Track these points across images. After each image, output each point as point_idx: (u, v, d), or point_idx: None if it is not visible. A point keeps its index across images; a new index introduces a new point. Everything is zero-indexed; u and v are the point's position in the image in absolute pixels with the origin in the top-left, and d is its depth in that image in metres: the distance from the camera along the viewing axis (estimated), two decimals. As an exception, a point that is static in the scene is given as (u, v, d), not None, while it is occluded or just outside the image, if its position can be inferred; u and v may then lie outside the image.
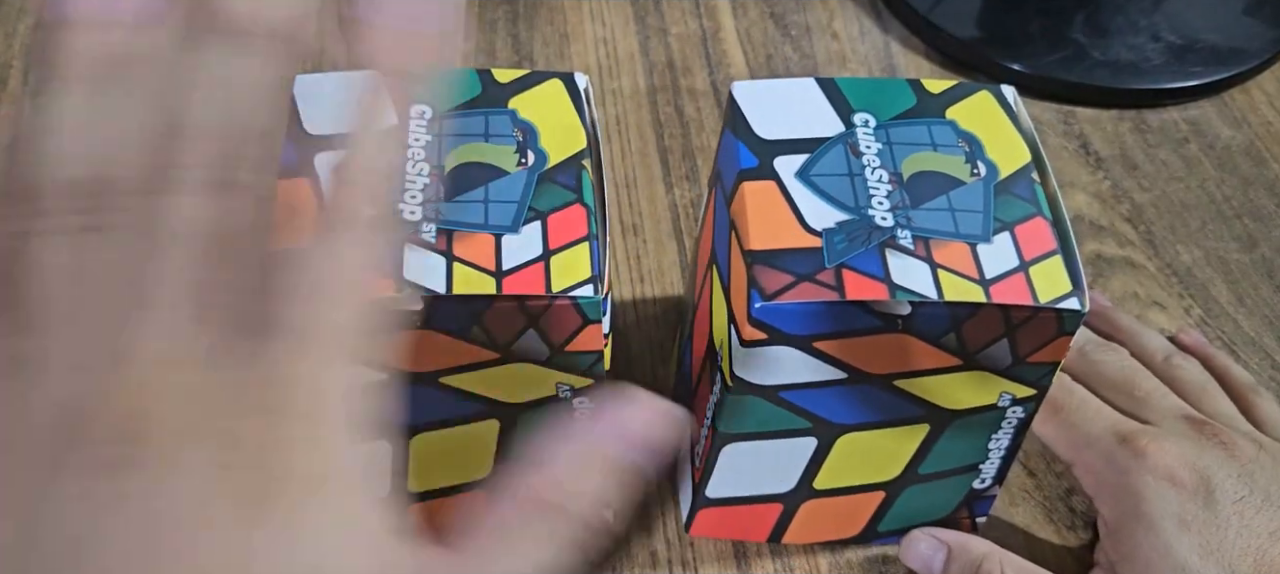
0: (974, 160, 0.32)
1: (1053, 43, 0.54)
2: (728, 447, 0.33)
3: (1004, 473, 0.34)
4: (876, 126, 0.32)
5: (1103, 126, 0.52)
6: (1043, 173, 0.31)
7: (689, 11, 0.56)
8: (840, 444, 0.33)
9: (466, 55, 0.53)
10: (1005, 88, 0.34)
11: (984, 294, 0.29)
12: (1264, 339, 0.43)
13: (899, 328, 0.29)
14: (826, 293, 0.28)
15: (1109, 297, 0.44)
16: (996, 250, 0.30)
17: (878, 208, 0.30)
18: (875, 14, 0.57)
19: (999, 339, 0.29)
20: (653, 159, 0.49)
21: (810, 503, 0.35)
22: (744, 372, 0.30)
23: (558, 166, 0.31)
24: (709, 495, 0.35)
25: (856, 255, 0.29)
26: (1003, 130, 0.32)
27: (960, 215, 0.30)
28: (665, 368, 0.41)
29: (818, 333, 0.29)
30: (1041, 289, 0.29)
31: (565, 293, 0.28)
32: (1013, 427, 0.33)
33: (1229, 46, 0.54)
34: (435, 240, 0.29)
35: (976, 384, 0.31)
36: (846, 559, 0.36)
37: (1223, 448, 0.33)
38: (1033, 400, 0.32)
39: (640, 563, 0.36)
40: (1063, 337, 0.29)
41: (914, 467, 0.34)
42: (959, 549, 0.34)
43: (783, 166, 0.31)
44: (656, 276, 0.44)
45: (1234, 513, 0.32)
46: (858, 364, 0.30)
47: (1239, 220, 0.48)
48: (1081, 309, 0.29)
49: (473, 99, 0.33)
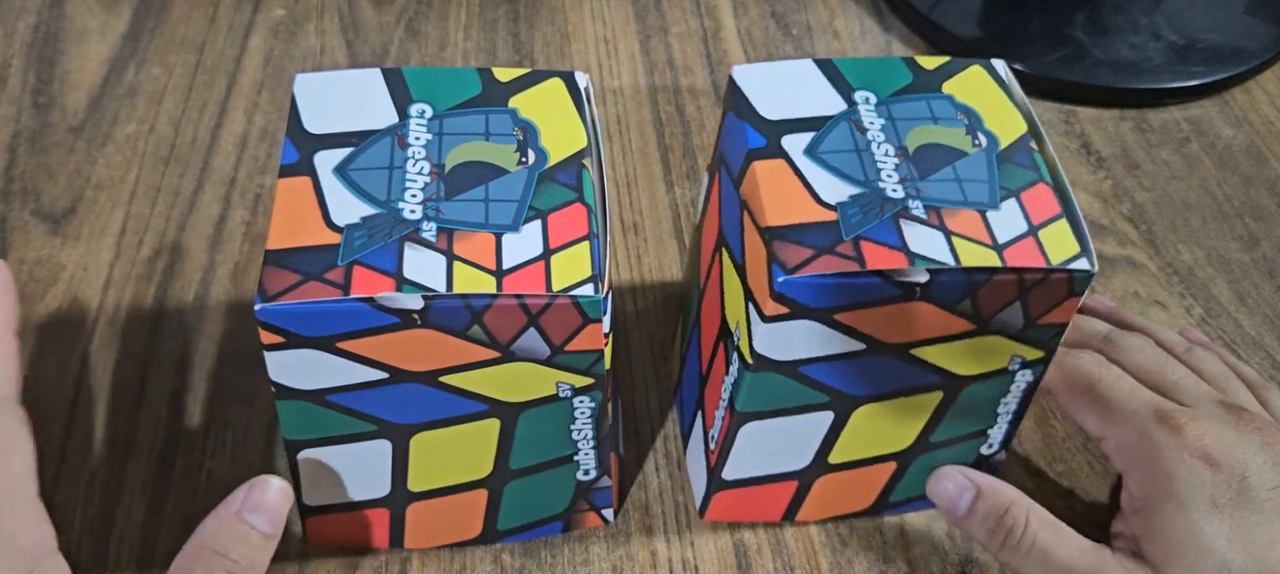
0: (974, 132, 0.32)
1: (1054, 42, 0.54)
2: (746, 426, 0.33)
3: (1010, 437, 0.35)
4: (877, 103, 0.33)
5: (1104, 126, 0.52)
6: (1040, 141, 0.32)
7: (689, 11, 0.56)
8: (856, 417, 0.33)
9: (467, 54, 0.53)
10: (996, 61, 0.35)
11: (998, 259, 0.29)
12: (1265, 338, 0.43)
13: (917, 296, 0.29)
14: (847, 264, 0.29)
15: (1110, 296, 0.44)
16: (1005, 217, 0.30)
17: (887, 180, 0.31)
18: (876, 13, 0.57)
19: (1012, 302, 0.30)
20: (653, 158, 0.49)
21: (825, 478, 0.35)
22: (765, 348, 0.30)
23: (558, 165, 0.31)
24: (726, 478, 0.35)
25: (872, 227, 0.30)
26: (998, 102, 0.33)
27: (967, 185, 0.31)
28: (666, 366, 0.41)
29: (838, 305, 0.29)
30: (1052, 252, 0.30)
31: (565, 292, 0.28)
32: (1021, 390, 0.34)
33: (1230, 46, 0.54)
34: (435, 239, 0.29)
35: (989, 349, 0.32)
36: (847, 559, 0.36)
37: (1260, 435, 0.33)
38: (1041, 363, 0.32)
39: (641, 563, 0.36)
40: (1072, 297, 0.30)
41: (926, 436, 0.34)
42: (989, 492, 0.35)
43: (790, 145, 0.32)
44: (657, 275, 0.44)
45: (1267, 500, 0.32)
46: (876, 334, 0.30)
47: (1240, 220, 0.48)
48: (1091, 269, 0.30)
49: (473, 98, 0.33)
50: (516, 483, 0.34)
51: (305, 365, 0.29)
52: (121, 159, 0.48)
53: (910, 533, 0.37)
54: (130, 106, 0.50)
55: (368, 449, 0.32)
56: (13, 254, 0.44)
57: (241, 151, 0.48)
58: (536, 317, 0.28)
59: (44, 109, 0.49)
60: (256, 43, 0.53)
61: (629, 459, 0.39)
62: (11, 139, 0.48)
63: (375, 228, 0.29)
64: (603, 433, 0.33)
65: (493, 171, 0.31)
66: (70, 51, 0.52)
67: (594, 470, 0.34)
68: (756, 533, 0.37)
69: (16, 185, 0.46)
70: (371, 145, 0.31)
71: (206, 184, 0.47)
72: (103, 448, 0.38)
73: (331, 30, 0.54)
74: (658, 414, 0.40)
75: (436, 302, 0.28)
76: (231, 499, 0.30)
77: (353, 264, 0.28)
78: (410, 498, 0.34)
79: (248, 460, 0.38)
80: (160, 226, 0.45)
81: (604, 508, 0.36)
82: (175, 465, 0.38)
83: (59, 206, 0.45)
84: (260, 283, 0.28)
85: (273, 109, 0.50)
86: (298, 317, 0.28)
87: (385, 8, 0.56)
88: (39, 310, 0.42)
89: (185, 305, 0.42)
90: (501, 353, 0.29)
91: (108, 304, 0.42)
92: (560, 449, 0.33)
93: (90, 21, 0.54)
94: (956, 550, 0.37)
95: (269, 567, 0.31)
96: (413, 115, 0.32)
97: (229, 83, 0.51)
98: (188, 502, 0.37)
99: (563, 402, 0.31)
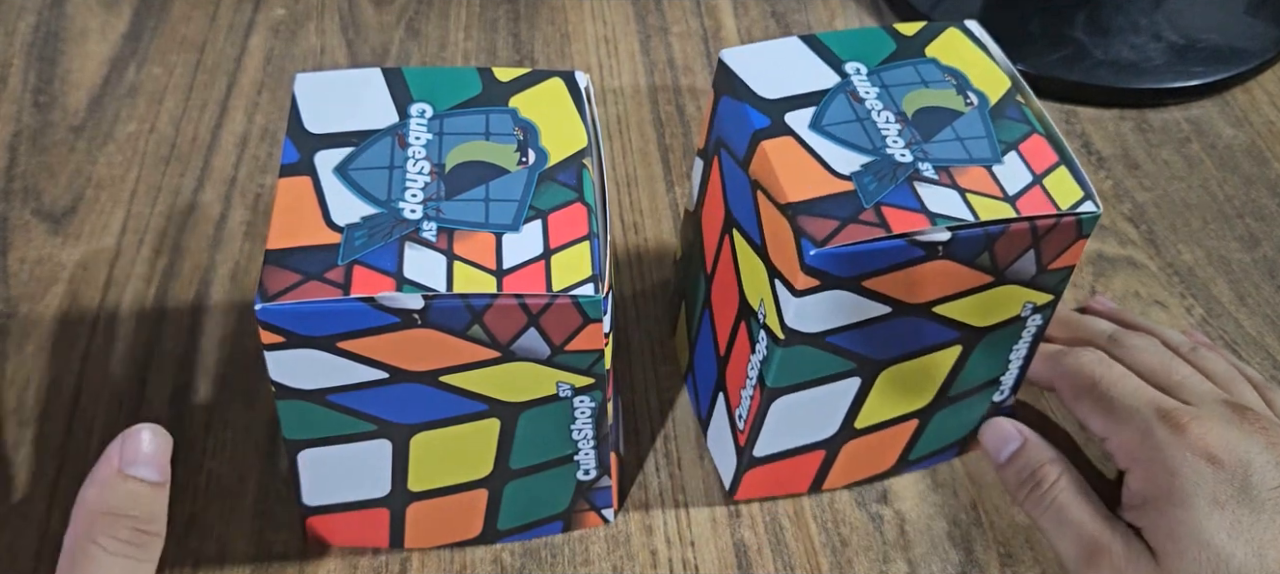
0: (964, 91, 0.33)
1: (1054, 42, 0.54)
2: (778, 401, 0.33)
3: (1020, 383, 0.37)
4: (868, 73, 0.34)
5: (1104, 126, 0.52)
6: (1025, 94, 0.34)
7: (689, 11, 0.56)
8: (881, 379, 0.34)
9: (467, 54, 0.53)
10: (969, 22, 0.36)
11: (1012, 210, 0.30)
12: (1265, 338, 0.43)
13: (940, 255, 0.30)
14: (873, 231, 0.29)
15: (1111, 295, 0.44)
16: (1010, 169, 0.31)
17: (894, 146, 0.32)
18: (877, 12, 0.57)
19: (1026, 251, 0.31)
20: (653, 158, 0.49)
21: (851, 444, 0.36)
22: (797, 322, 0.31)
23: (558, 165, 0.31)
24: (757, 455, 0.35)
25: (889, 192, 0.30)
26: (980, 62, 0.35)
27: (969, 142, 0.32)
28: (666, 365, 0.41)
29: (867, 271, 0.30)
30: (1060, 198, 0.31)
31: (566, 292, 0.28)
32: (1031, 335, 0.35)
33: (1230, 46, 0.54)
34: (436, 239, 0.29)
35: (1004, 298, 0.33)
36: (847, 559, 0.36)
37: (1264, 435, 0.33)
38: (1049, 306, 0.34)
39: (641, 563, 0.36)
40: (1080, 240, 0.31)
41: (945, 390, 0.35)
42: (1032, 446, 0.36)
43: (795, 121, 0.32)
44: (657, 276, 0.44)
45: (1270, 499, 0.32)
46: (901, 297, 0.31)
47: (1240, 220, 0.48)
48: (1097, 210, 0.31)
49: (473, 97, 0.33)
50: (516, 483, 0.34)
51: (305, 365, 0.29)
52: (122, 158, 0.48)
53: (910, 533, 0.37)
54: (131, 106, 0.50)
55: (368, 449, 0.32)
56: (13, 254, 0.44)
57: (242, 151, 0.48)
58: (537, 316, 0.28)
59: (45, 108, 0.50)
60: (257, 42, 0.53)
61: (629, 459, 0.39)
62: (12, 138, 0.48)
63: (375, 227, 0.29)
64: (603, 433, 0.33)
65: (493, 171, 0.31)
66: (71, 51, 0.52)
67: (594, 470, 0.34)
68: (756, 533, 0.37)
69: (17, 184, 0.46)
70: (372, 145, 0.31)
71: (207, 184, 0.47)
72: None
73: (332, 30, 0.54)
74: (658, 414, 0.40)
75: (437, 301, 0.28)
76: (107, 458, 0.29)
77: (353, 264, 0.28)
78: (410, 498, 0.34)
79: (248, 460, 0.38)
80: (161, 226, 0.45)
81: (604, 508, 0.36)
82: (176, 465, 0.38)
83: (60, 206, 0.45)
84: (260, 282, 0.28)
85: (273, 109, 0.50)
86: (298, 316, 0.28)
87: (385, 7, 0.56)
88: (39, 310, 0.42)
89: (185, 305, 0.42)
90: (502, 353, 0.29)
91: (108, 304, 0.42)
92: (560, 449, 0.33)
93: (91, 21, 0.54)
94: (957, 550, 0.37)
95: (269, 567, 0.30)
96: (413, 115, 0.32)
97: (229, 82, 0.51)
98: (189, 502, 0.37)
99: (563, 401, 0.31)
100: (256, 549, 0.35)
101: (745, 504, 0.37)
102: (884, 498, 0.38)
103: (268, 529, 0.36)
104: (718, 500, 0.38)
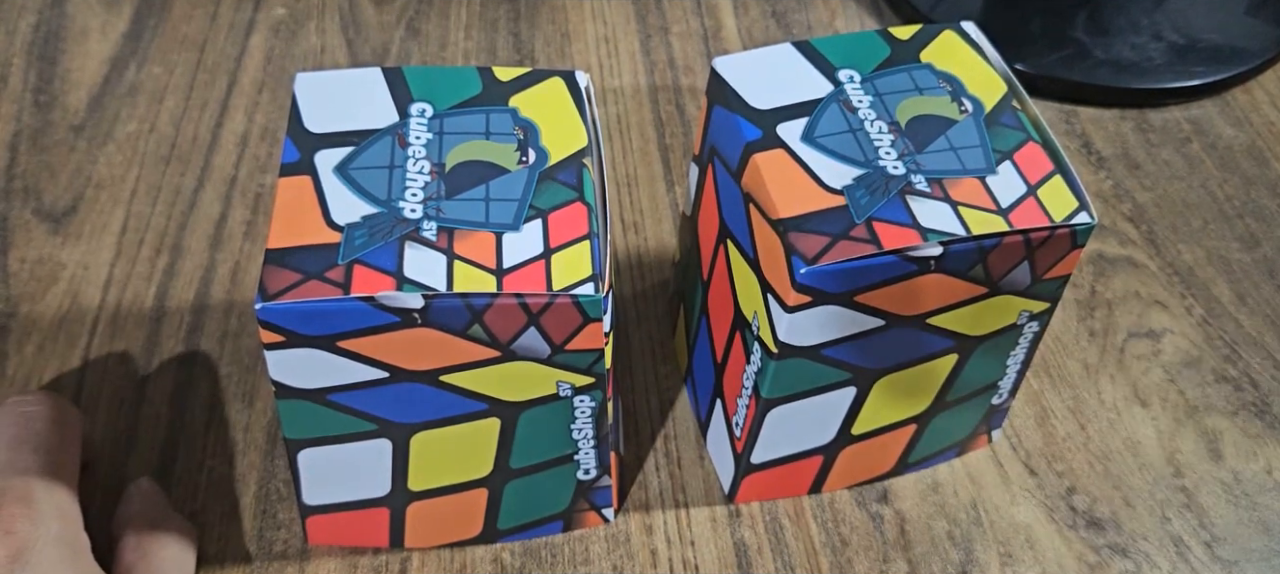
0: (959, 98, 0.33)
1: (1054, 42, 0.54)
2: (773, 411, 0.33)
3: (1018, 385, 0.37)
4: (862, 80, 0.34)
5: (1104, 126, 0.52)
6: (1021, 100, 0.33)
7: (690, 11, 0.56)
8: (877, 388, 0.34)
9: (467, 53, 0.53)
10: (966, 24, 0.35)
11: (1005, 223, 0.30)
12: (1265, 339, 0.43)
13: (932, 269, 0.30)
14: (864, 248, 0.29)
15: (1111, 296, 0.44)
16: (1004, 180, 0.31)
17: (886, 158, 0.31)
18: (877, 12, 0.57)
19: (1021, 262, 0.31)
20: (653, 157, 0.49)
21: (848, 449, 0.36)
22: (790, 337, 0.31)
23: (559, 165, 0.31)
24: (754, 461, 0.35)
25: (881, 206, 0.30)
26: (975, 66, 0.34)
27: (962, 152, 0.32)
28: (666, 365, 0.41)
29: (859, 287, 0.30)
30: (1053, 209, 0.30)
31: (566, 291, 0.28)
32: (1028, 341, 0.34)
33: (1231, 46, 0.54)
34: (436, 238, 0.29)
35: (999, 308, 0.32)
36: (847, 559, 0.36)
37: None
38: (1047, 312, 0.33)
39: (641, 563, 0.36)
40: (1075, 250, 0.31)
41: (942, 396, 0.35)
42: None
43: (786, 133, 0.32)
44: (657, 276, 0.44)
45: None
46: (894, 310, 0.31)
47: (1241, 220, 0.48)
48: (1092, 221, 0.31)
49: (473, 97, 0.33)
50: (517, 482, 0.34)
51: (305, 364, 0.29)
52: (122, 158, 0.48)
53: (910, 533, 0.37)
54: (131, 105, 0.50)
55: (368, 448, 0.32)
56: (13, 253, 0.44)
57: (242, 150, 0.48)
58: (537, 316, 0.28)
59: (45, 108, 0.50)
60: (257, 42, 0.53)
61: (629, 459, 0.39)
62: (12, 138, 0.48)
63: (376, 227, 0.29)
64: (603, 432, 0.33)
65: (493, 171, 0.31)
66: (71, 50, 0.52)
67: (594, 470, 0.34)
68: (756, 532, 0.37)
69: (17, 184, 0.46)
70: (372, 144, 0.31)
71: (207, 183, 0.47)
72: (104, 447, 0.38)
73: (332, 29, 0.54)
74: (658, 414, 0.40)
75: (437, 301, 0.28)
76: None
77: (353, 263, 0.28)
78: (410, 497, 0.34)
79: (248, 460, 0.38)
80: (161, 225, 0.45)
81: (604, 508, 0.36)
82: (176, 464, 0.38)
83: (60, 205, 0.45)
84: (261, 282, 0.28)
85: (273, 108, 0.50)
86: (298, 315, 0.28)
87: (386, 7, 0.56)
88: (39, 310, 0.42)
89: (185, 305, 0.42)
90: (502, 352, 0.29)
91: (108, 303, 0.42)
92: (560, 448, 0.33)
93: (91, 20, 0.54)
94: (957, 550, 0.37)
95: (269, 566, 0.30)
96: (413, 114, 0.32)
97: (230, 82, 0.51)
98: (189, 501, 0.37)
99: (563, 401, 0.31)
100: (256, 549, 0.35)
101: (745, 504, 0.38)
102: (884, 498, 0.38)
103: (268, 529, 0.36)
104: (718, 500, 0.38)
